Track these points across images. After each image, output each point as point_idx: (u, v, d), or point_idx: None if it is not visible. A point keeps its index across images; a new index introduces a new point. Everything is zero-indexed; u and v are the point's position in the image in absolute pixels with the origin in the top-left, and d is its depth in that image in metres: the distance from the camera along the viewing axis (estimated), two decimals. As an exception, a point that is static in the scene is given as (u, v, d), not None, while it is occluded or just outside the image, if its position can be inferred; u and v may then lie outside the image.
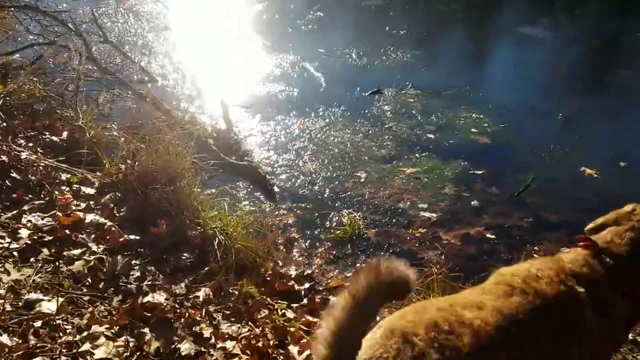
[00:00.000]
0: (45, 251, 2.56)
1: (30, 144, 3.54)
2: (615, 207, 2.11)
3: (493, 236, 3.60)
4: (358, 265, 3.34)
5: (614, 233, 1.84)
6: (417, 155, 4.63)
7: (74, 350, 1.99)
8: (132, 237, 2.78)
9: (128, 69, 5.95)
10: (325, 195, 4.10)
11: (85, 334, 2.07)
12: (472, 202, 3.98)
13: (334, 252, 3.47)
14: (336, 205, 3.99)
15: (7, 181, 2.96)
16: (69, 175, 3.31)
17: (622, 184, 4.19)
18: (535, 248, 3.47)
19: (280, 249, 3.47)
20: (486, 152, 4.64)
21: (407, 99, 5.65)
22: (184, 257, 2.79)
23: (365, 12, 8.75)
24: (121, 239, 2.74)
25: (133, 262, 2.65)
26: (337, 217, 3.83)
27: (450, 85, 5.92)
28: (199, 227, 2.98)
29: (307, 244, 3.56)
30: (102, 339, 2.06)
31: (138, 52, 6.50)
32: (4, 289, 2.19)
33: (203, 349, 2.17)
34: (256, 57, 6.74)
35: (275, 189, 4.14)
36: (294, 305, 2.83)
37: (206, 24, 7.86)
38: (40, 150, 3.53)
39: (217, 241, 2.84)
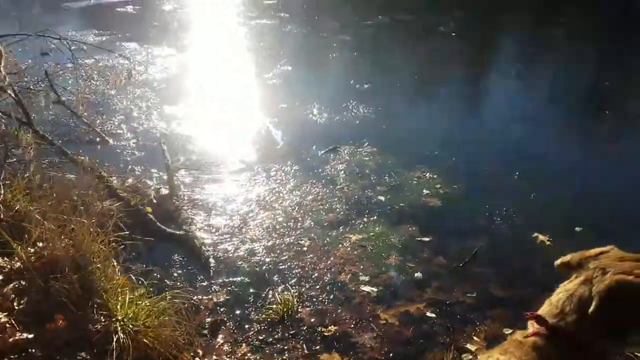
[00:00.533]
0: None
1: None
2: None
3: (433, 315, 3.39)
4: (285, 355, 3.11)
5: (566, 296, 1.61)
6: (365, 219, 4.47)
7: None
8: (25, 335, 2.57)
9: (80, 130, 5.86)
10: (264, 268, 3.90)
11: None
12: (416, 275, 3.79)
13: (262, 337, 3.24)
14: (274, 278, 3.79)
15: None
16: (-21, 259, 3.12)
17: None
18: (477, 329, 3.26)
19: (205, 334, 3.25)
20: (436, 216, 4.48)
21: (362, 157, 5.54)
22: (79, 358, 2.57)
23: (332, 66, 8.80)
24: (11, 339, 2.53)
25: (20, 366, 2.44)
26: (272, 293, 3.62)
27: (408, 142, 5.84)
28: (103, 320, 2.77)
29: (235, 326, 3.33)
30: None
31: (94, 111, 6.41)
32: None
33: None
34: (215, 114, 6.67)
35: (212, 261, 3.94)
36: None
37: (169, 80, 7.84)
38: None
39: (116, 337, 2.62)
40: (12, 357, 2.45)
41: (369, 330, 3.29)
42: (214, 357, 3.03)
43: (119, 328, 2.67)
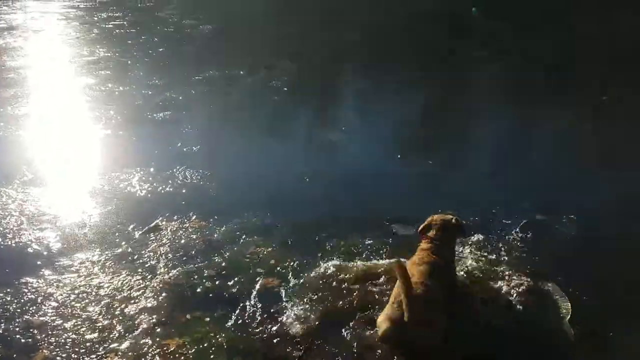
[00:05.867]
0: None
1: None
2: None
3: None
4: None
5: None
6: (187, 316, 3.83)
7: None
8: None
9: None
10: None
11: None
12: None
13: None
14: None
15: None
16: None
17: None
18: None
19: None
20: (273, 305, 4.05)
21: (189, 235, 4.92)
22: None
23: (158, 127, 8.04)
24: None
25: None
26: None
27: (239, 209, 5.35)
28: None
29: None
30: None
31: None
32: None
33: None
34: (15, 197, 5.46)
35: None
36: None
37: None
38: None
39: None
40: None
41: None
42: None
43: None
